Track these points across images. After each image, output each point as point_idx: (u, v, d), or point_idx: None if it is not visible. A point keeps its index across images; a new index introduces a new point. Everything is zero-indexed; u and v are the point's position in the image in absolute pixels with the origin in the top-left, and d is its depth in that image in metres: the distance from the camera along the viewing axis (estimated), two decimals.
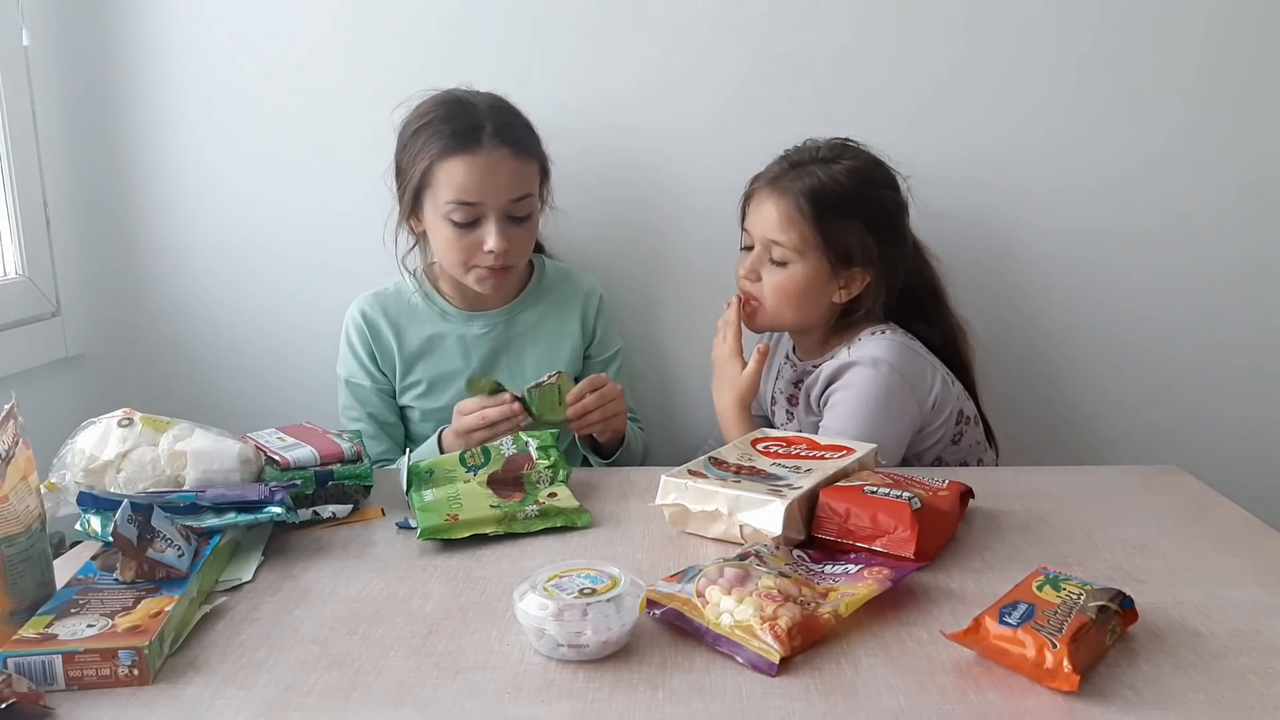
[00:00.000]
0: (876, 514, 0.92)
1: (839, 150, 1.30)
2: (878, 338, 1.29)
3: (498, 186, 1.28)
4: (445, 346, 1.41)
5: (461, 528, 0.99)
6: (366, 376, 1.41)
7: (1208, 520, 1.03)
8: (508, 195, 1.29)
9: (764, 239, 1.29)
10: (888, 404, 1.24)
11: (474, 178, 1.27)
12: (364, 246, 1.51)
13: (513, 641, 0.79)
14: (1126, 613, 0.77)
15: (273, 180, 1.54)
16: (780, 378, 1.44)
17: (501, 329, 1.42)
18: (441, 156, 1.27)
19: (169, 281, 1.58)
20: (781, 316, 1.33)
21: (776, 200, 1.28)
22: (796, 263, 1.28)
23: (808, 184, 1.27)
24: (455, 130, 1.28)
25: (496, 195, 1.28)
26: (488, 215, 1.29)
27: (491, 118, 1.29)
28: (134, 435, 1.01)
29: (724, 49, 1.47)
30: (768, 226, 1.28)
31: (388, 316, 1.41)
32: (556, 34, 1.48)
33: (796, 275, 1.28)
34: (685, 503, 0.98)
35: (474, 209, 1.28)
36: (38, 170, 1.47)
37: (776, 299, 1.30)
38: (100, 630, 0.75)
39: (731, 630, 0.76)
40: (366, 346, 1.41)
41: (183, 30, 1.50)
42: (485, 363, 1.41)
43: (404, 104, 1.35)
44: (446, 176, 1.27)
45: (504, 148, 1.28)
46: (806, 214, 1.26)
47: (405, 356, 1.41)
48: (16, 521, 0.81)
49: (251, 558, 0.95)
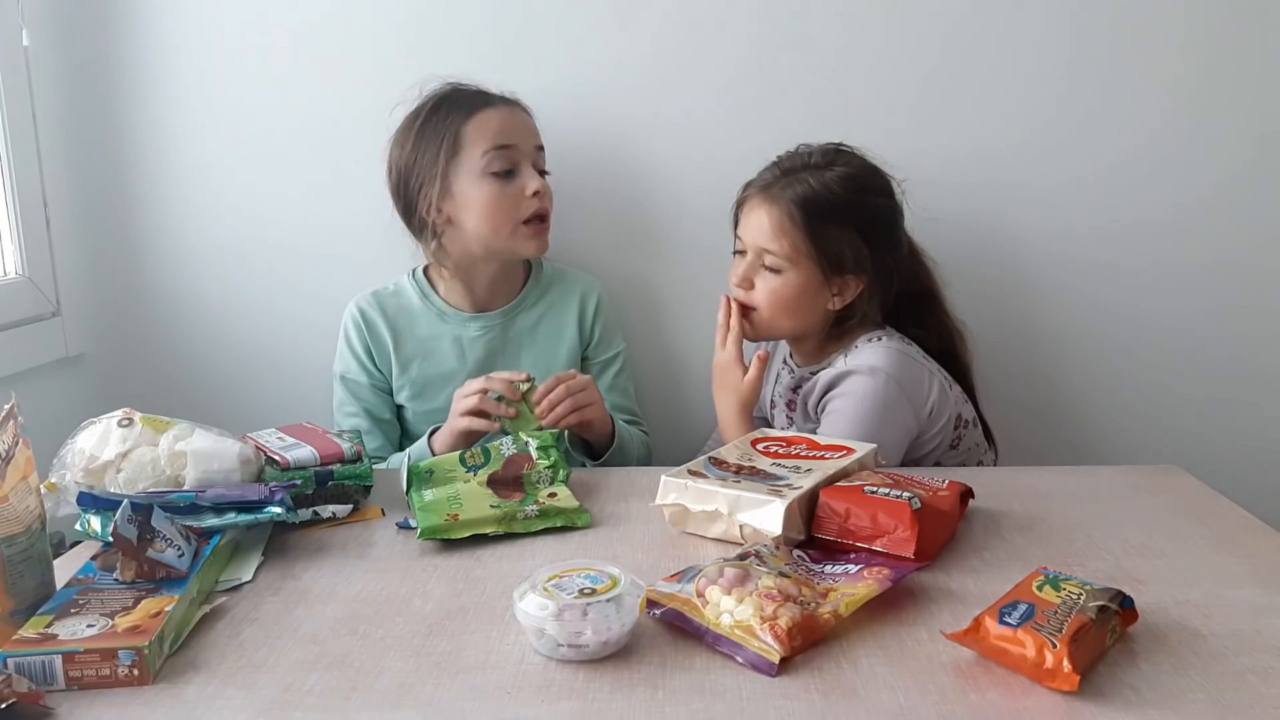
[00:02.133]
0: (876, 514, 0.92)
1: (831, 156, 1.29)
2: (874, 345, 1.29)
3: (527, 129, 1.36)
4: (441, 348, 1.41)
5: (461, 528, 0.99)
6: (363, 373, 1.42)
7: (1208, 520, 1.02)
8: (535, 141, 1.37)
9: (756, 247, 1.29)
10: (885, 413, 1.24)
11: (506, 122, 1.34)
12: (364, 246, 1.52)
13: (513, 641, 0.79)
14: (1126, 613, 0.77)
15: (273, 180, 1.54)
16: (779, 382, 1.44)
17: (498, 331, 1.42)
18: (468, 115, 1.33)
19: (169, 281, 1.58)
20: (776, 324, 1.33)
21: (769, 208, 1.27)
22: (789, 271, 1.27)
23: (799, 192, 1.26)
24: (469, 96, 1.35)
25: (527, 137, 1.36)
26: (523, 162, 1.34)
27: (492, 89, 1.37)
28: (134, 435, 1.01)
29: (718, 43, 1.47)
30: (760, 235, 1.28)
31: (385, 315, 1.42)
32: (557, 32, 1.48)
33: (790, 283, 1.28)
34: (685, 503, 0.98)
35: (511, 153, 1.33)
36: (38, 170, 1.47)
37: (770, 306, 1.30)
38: (100, 630, 0.75)
39: (731, 630, 0.76)
40: (364, 343, 1.41)
41: (183, 30, 1.50)
42: (481, 365, 1.40)
43: (403, 104, 1.36)
44: (478, 130, 1.32)
45: (516, 104, 1.37)
46: (798, 222, 1.25)
47: (401, 356, 1.41)
48: (16, 521, 0.81)
49: (251, 558, 0.95)
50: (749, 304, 1.32)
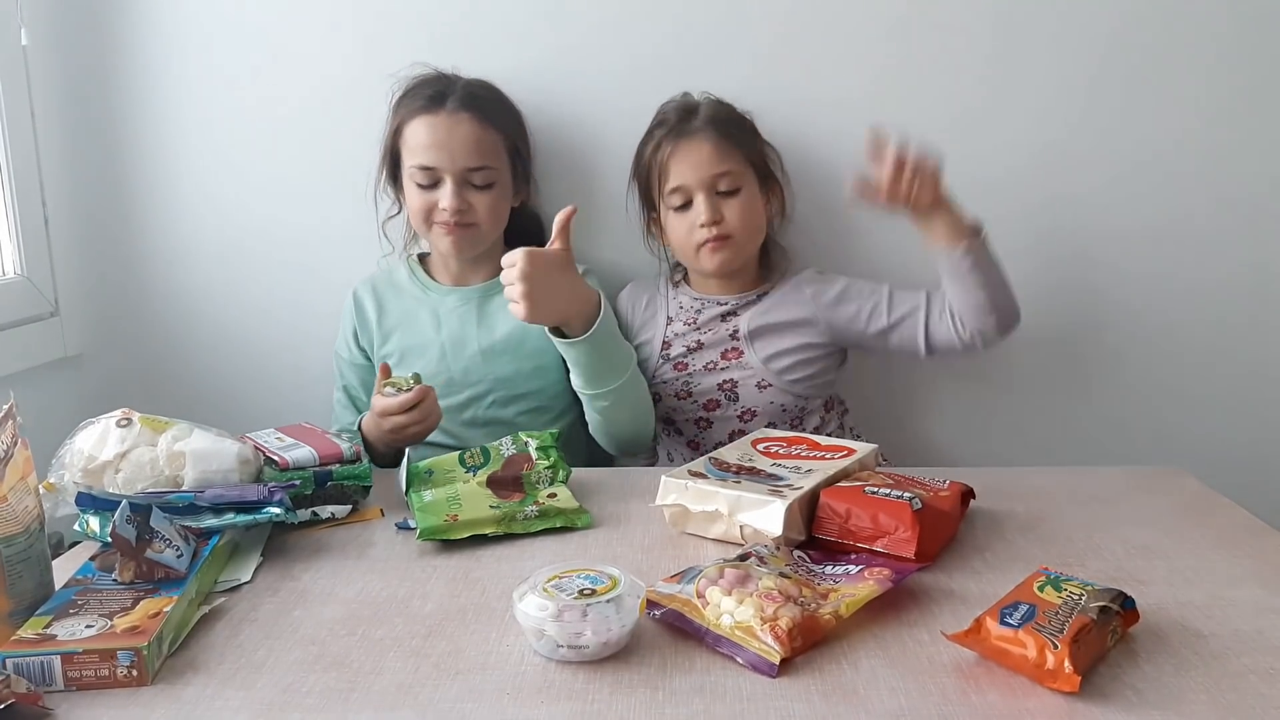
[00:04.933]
0: (877, 514, 0.91)
1: (692, 98, 1.38)
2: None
3: (454, 150, 1.34)
4: (419, 319, 1.44)
5: (461, 528, 0.99)
6: (346, 350, 1.47)
7: (1210, 521, 1.02)
8: (465, 162, 1.34)
9: (706, 179, 1.32)
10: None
11: (433, 137, 1.33)
12: (363, 247, 1.51)
13: (512, 642, 0.78)
14: (1128, 613, 0.77)
15: (272, 180, 1.54)
16: (674, 322, 1.42)
17: (474, 305, 1.42)
18: (408, 117, 1.36)
19: (168, 281, 1.58)
20: (750, 243, 1.38)
21: (700, 140, 1.32)
22: (744, 186, 1.34)
23: (706, 117, 1.34)
24: (425, 94, 1.36)
25: (453, 160, 1.34)
26: (444, 179, 1.34)
27: (462, 87, 1.37)
28: (132, 435, 1.00)
29: (715, 37, 1.47)
30: (706, 165, 1.32)
31: (375, 294, 1.46)
32: (557, 30, 1.47)
33: (748, 196, 1.34)
34: (685, 503, 0.98)
35: (432, 173, 1.34)
36: (37, 170, 1.47)
37: (744, 226, 1.34)
38: (99, 631, 0.75)
39: (732, 631, 0.76)
40: (352, 323, 1.46)
41: (182, 30, 1.50)
42: (454, 336, 1.41)
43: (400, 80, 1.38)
44: (412, 137, 1.35)
45: (464, 112, 1.34)
46: (730, 139, 1.33)
47: (384, 329, 1.45)
48: (15, 522, 0.81)
49: (250, 558, 0.95)
50: (726, 233, 1.33)
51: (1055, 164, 1.48)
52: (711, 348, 1.38)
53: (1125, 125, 1.46)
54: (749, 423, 1.36)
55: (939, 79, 1.45)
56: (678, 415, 1.41)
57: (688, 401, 1.39)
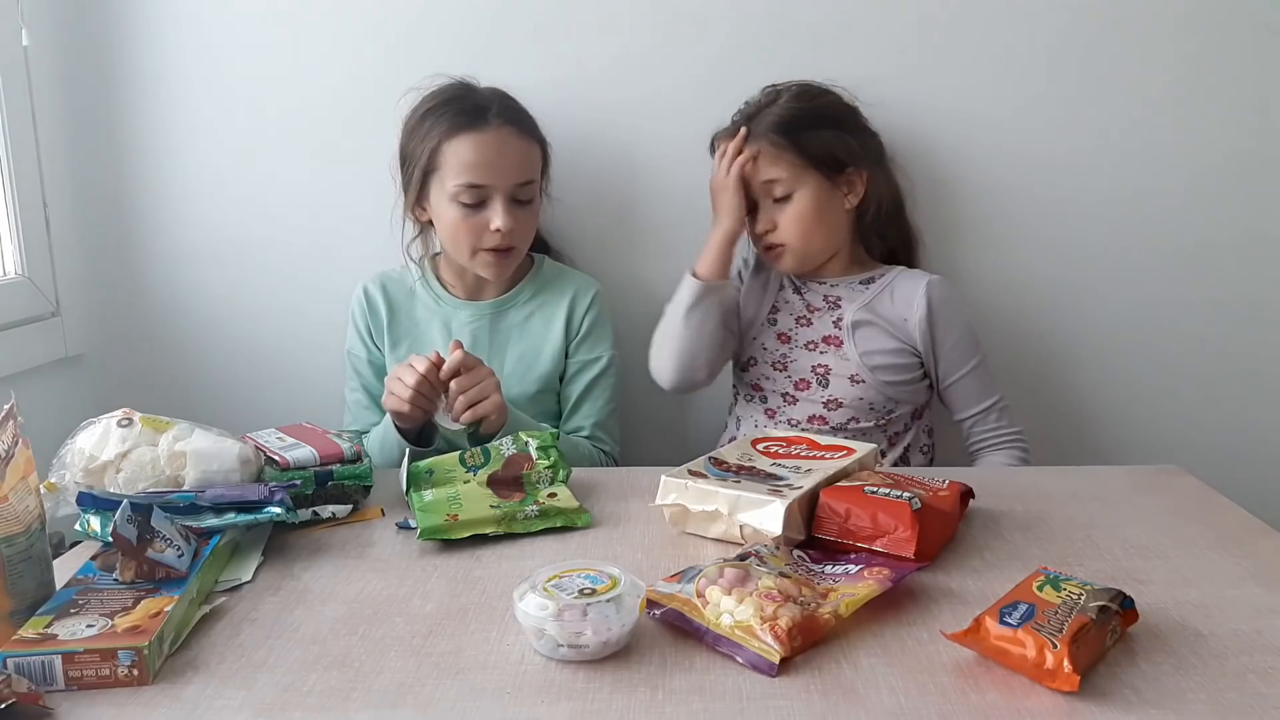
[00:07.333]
0: (877, 514, 0.91)
1: (771, 94, 1.37)
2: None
3: (504, 167, 1.32)
4: (430, 331, 1.43)
5: (461, 528, 0.99)
6: (363, 348, 1.45)
7: (1209, 521, 1.02)
8: (515, 178, 1.33)
9: (758, 187, 1.34)
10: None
11: (482, 155, 1.30)
12: (364, 247, 1.52)
13: (513, 642, 0.79)
14: (1127, 613, 0.77)
15: (273, 180, 1.54)
16: (783, 306, 1.43)
17: (487, 321, 1.42)
18: (449, 135, 1.31)
19: (169, 281, 1.58)
20: (811, 247, 1.37)
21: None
22: (798, 189, 1.34)
23: (768, 122, 1.34)
24: (462, 109, 1.33)
25: (504, 176, 1.31)
26: (494, 196, 1.32)
27: (497, 100, 1.35)
28: (133, 435, 1.01)
29: (708, 31, 1.47)
30: (756, 174, 1.34)
31: (386, 294, 1.45)
32: (558, 28, 1.48)
33: (805, 200, 1.34)
34: (685, 503, 0.98)
35: (481, 191, 1.31)
36: (37, 170, 1.47)
37: (800, 232, 1.35)
38: (100, 630, 0.75)
39: (731, 630, 0.76)
40: (364, 320, 1.45)
41: (183, 30, 1.50)
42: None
43: (412, 90, 1.37)
44: (454, 155, 1.31)
45: (509, 126, 1.33)
46: (783, 143, 1.33)
47: (394, 334, 1.43)
48: (16, 521, 0.81)
49: (251, 558, 0.95)
50: (779, 242, 1.36)
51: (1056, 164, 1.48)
52: (817, 327, 1.39)
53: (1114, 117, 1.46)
54: (833, 411, 1.36)
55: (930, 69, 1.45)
56: (768, 385, 1.41)
57: (782, 375, 1.40)
